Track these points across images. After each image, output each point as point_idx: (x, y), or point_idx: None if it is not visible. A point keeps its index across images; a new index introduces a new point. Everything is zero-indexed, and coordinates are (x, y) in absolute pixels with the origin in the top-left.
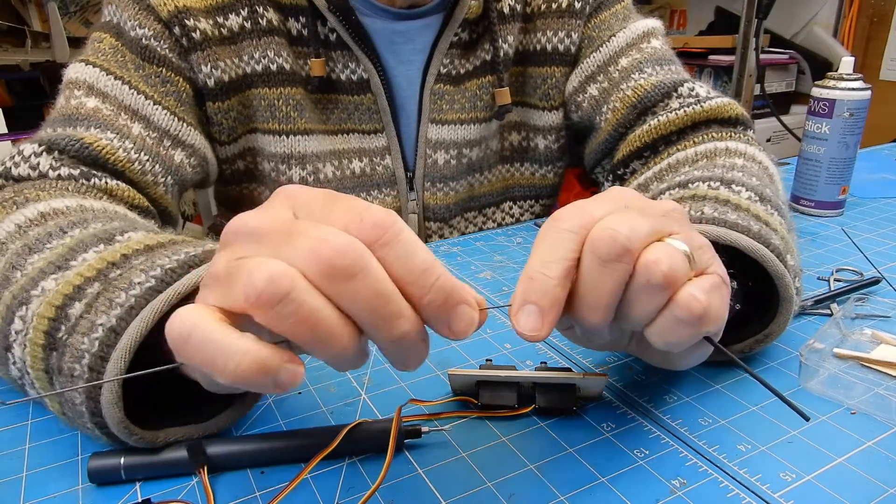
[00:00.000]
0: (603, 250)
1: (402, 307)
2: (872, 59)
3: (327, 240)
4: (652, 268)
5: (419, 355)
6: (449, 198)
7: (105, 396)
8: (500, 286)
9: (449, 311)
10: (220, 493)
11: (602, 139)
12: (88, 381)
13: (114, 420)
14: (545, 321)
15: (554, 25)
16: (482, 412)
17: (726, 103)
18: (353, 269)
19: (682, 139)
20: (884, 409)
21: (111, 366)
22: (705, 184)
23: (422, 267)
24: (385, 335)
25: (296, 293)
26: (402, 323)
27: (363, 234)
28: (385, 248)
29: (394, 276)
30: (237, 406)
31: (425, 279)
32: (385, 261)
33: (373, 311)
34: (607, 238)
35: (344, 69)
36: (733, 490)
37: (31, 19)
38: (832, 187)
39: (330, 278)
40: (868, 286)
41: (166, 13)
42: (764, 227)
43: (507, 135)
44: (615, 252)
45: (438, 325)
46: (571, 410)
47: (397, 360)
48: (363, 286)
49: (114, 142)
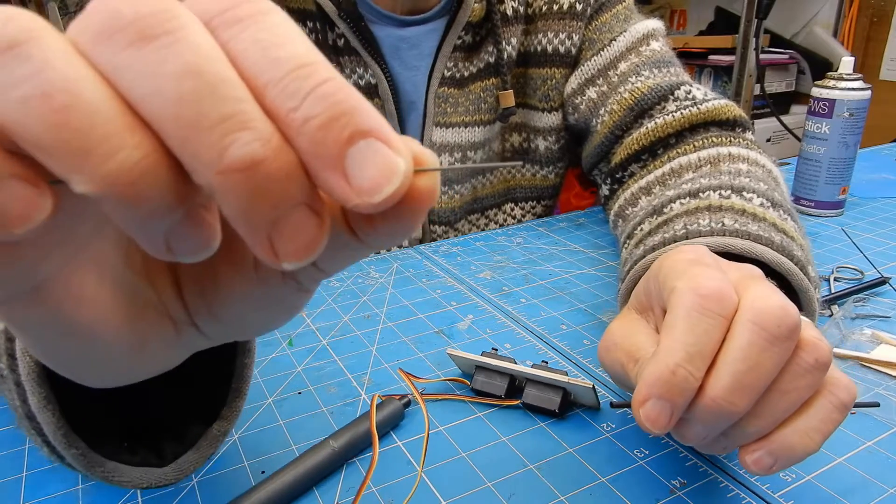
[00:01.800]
0: (773, 326)
1: (247, 110)
2: (872, 59)
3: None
4: (820, 346)
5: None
6: (454, 201)
7: (31, 399)
8: (500, 286)
9: (342, 140)
10: (221, 493)
11: (598, 142)
12: (14, 381)
13: (49, 427)
14: (674, 420)
15: (555, 27)
16: (471, 397)
17: (724, 105)
18: (151, 26)
19: (681, 142)
20: (884, 408)
21: (20, 364)
22: (716, 192)
23: (298, 61)
24: (212, 157)
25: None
26: (243, 137)
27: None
28: (234, 27)
29: (244, 71)
30: (203, 445)
31: (300, 79)
32: (229, 45)
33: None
34: (779, 313)
35: (352, 74)
36: (733, 490)
37: None
38: (832, 187)
39: (108, 37)
40: (874, 287)
41: None
42: (785, 238)
43: (509, 136)
44: (786, 328)
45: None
46: (555, 413)
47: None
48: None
49: None
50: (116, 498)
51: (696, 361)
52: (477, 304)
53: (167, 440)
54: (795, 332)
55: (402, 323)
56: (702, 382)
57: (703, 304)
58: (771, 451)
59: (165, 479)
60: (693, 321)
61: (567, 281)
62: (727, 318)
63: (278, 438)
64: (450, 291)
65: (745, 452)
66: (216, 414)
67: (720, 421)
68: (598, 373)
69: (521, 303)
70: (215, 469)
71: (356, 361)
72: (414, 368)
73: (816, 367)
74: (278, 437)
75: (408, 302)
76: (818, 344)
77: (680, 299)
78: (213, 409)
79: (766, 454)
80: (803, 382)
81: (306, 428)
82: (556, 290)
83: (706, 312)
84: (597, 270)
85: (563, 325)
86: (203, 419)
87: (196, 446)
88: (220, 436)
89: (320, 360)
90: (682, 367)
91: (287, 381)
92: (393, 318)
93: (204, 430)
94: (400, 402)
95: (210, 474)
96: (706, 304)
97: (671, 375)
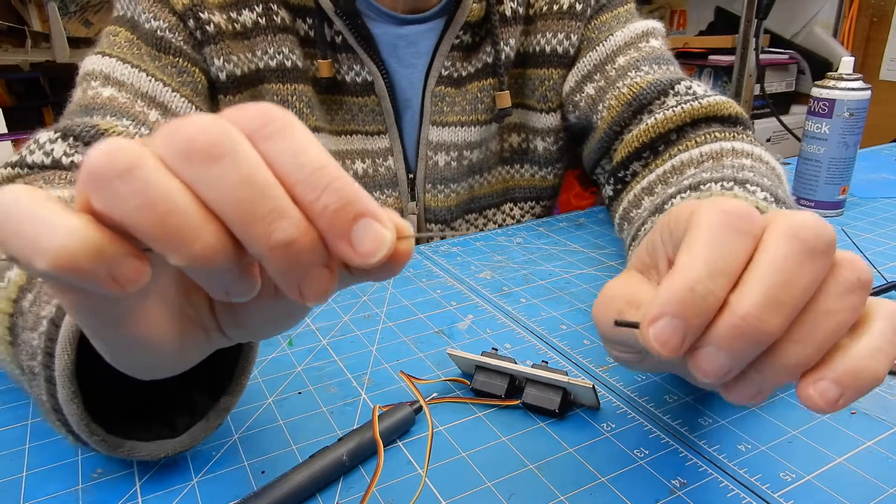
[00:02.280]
0: (811, 237)
1: (285, 205)
2: (872, 59)
3: (190, 120)
4: (860, 264)
5: (318, 281)
6: (450, 200)
7: (60, 392)
8: (500, 286)
9: (349, 221)
10: (221, 493)
11: (598, 138)
12: (45, 378)
13: (73, 418)
14: (687, 343)
15: (554, 27)
16: (471, 399)
17: (724, 101)
18: (216, 149)
19: (683, 138)
20: (884, 409)
21: (57, 361)
22: (718, 185)
23: (315, 164)
24: (263, 239)
25: (140, 171)
26: (283, 225)
27: (241, 122)
28: (268, 142)
29: (279, 174)
30: (210, 416)
31: (318, 178)
32: (267, 155)
33: (241, 205)
34: (817, 224)
35: (349, 71)
36: (733, 490)
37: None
38: (832, 187)
39: (186, 160)
40: (882, 293)
41: (181, 6)
42: None
43: (507, 136)
44: (824, 241)
45: (337, 242)
46: (555, 413)
47: (289, 283)
48: (229, 171)
49: (130, 128)
50: (116, 497)
51: (719, 279)
52: (477, 304)
53: (178, 414)
54: (833, 246)
55: (402, 323)
56: (726, 302)
57: (728, 220)
58: (836, 380)
59: (180, 446)
60: (717, 237)
61: (567, 281)
62: (755, 237)
63: (278, 438)
64: (450, 291)
65: (807, 383)
66: (221, 389)
67: (749, 346)
68: (598, 373)
69: (521, 303)
70: (215, 469)
71: (356, 361)
72: (414, 368)
73: (859, 285)
74: (278, 437)
75: (408, 302)
76: (858, 262)
77: (702, 218)
78: (218, 384)
79: (831, 384)
80: (847, 303)
81: (306, 428)
82: (556, 290)
83: (732, 229)
84: (597, 270)
85: (563, 325)
86: (210, 395)
87: (206, 416)
88: (225, 409)
89: (320, 360)
90: (703, 284)
91: (287, 381)
92: (393, 317)
93: (212, 404)
94: (411, 409)
95: (210, 474)
96: (732, 220)
97: (689, 292)
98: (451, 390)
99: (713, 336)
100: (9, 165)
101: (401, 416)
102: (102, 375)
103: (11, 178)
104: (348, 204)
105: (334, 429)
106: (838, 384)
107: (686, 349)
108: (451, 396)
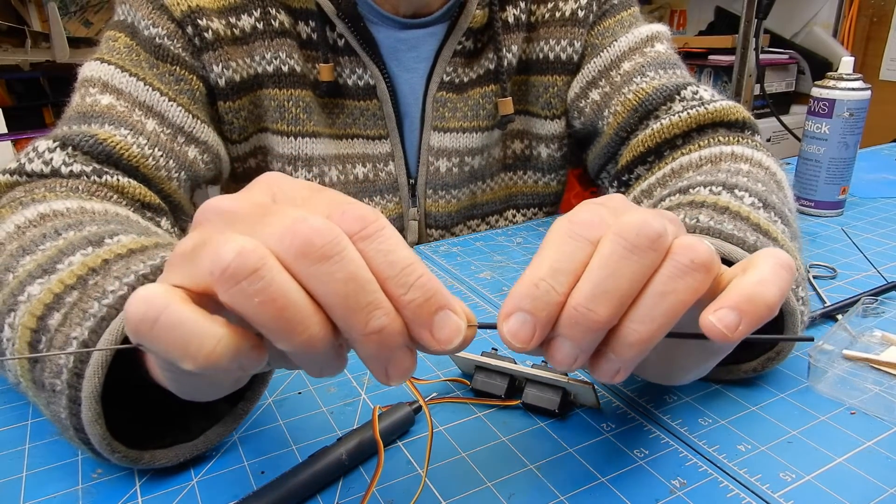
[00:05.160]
0: (631, 235)
1: (380, 299)
2: (872, 59)
3: (305, 220)
4: (695, 246)
5: (402, 363)
6: (451, 205)
7: (85, 414)
8: (500, 286)
9: (431, 313)
10: (221, 493)
11: (604, 143)
12: (69, 398)
13: (96, 438)
14: (537, 336)
15: (557, 34)
16: (471, 399)
17: (731, 106)
18: (328, 250)
19: (688, 143)
20: (884, 409)
21: (86, 383)
22: (706, 188)
23: (404, 263)
24: (360, 327)
25: (265, 270)
26: (378, 315)
27: (344, 224)
28: (365, 241)
29: (374, 270)
30: (227, 420)
31: (406, 276)
32: (365, 254)
33: (346, 298)
34: (638, 223)
35: (351, 74)
36: (733, 490)
37: (31, 19)
38: (832, 187)
39: (303, 258)
40: (883, 293)
41: (179, 13)
42: (761, 238)
43: (510, 143)
44: (645, 237)
45: (420, 330)
46: (555, 413)
47: (377, 365)
48: (338, 269)
49: (128, 138)
50: (116, 497)
51: (559, 276)
52: (477, 304)
53: (194, 417)
54: (657, 241)
55: None
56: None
57: (571, 228)
58: (733, 306)
59: (196, 449)
60: (560, 243)
61: None
62: (594, 242)
63: (278, 438)
64: (450, 291)
65: (707, 314)
66: (239, 395)
67: (586, 333)
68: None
69: None
70: (215, 469)
71: (356, 361)
72: None
73: (693, 267)
74: (278, 437)
75: None
76: (693, 245)
77: (553, 228)
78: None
79: (729, 311)
80: (682, 284)
81: (306, 428)
82: None
83: (574, 235)
84: None
85: None
86: (227, 399)
87: (223, 420)
88: (242, 413)
89: None
90: (544, 281)
91: (287, 381)
92: None
93: (229, 409)
94: (410, 409)
95: (210, 474)
96: (574, 228)
97: (533, 289)
98: (451, 390)
99: (558, 327)
100: (7, 172)
101: (401, 416)
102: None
103: (11, 186)
104: (432, 297)
105: (334, 429)
106: (735, 310)
107: (538, 342)
108: (451, 396)
